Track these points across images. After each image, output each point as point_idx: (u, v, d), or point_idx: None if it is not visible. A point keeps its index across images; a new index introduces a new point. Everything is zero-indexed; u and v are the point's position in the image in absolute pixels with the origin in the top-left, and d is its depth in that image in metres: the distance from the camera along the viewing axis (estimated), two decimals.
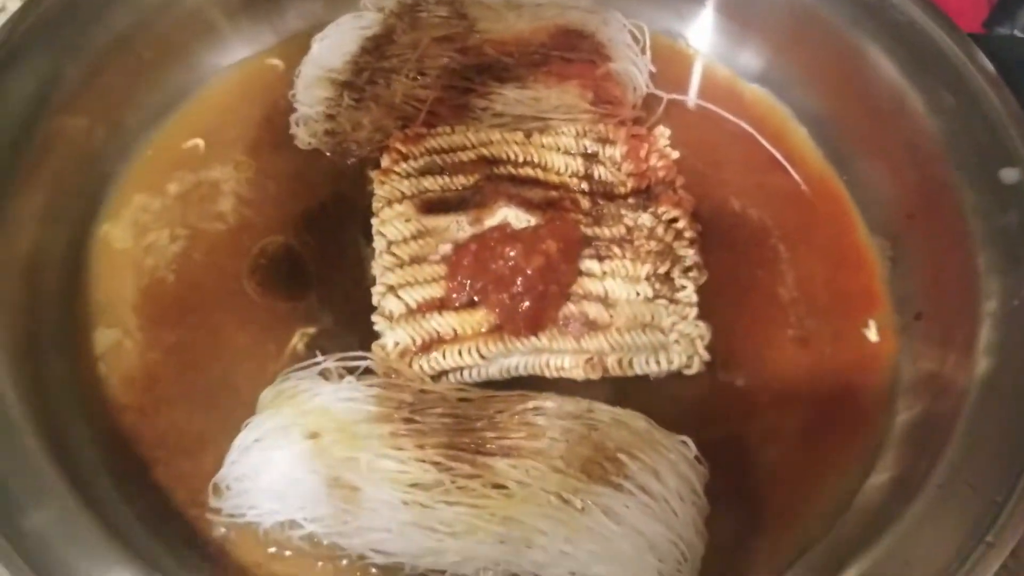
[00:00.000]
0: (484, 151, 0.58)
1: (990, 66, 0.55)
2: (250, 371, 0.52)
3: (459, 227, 0.55)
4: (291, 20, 0.67)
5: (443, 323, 0.52)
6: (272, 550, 0.48)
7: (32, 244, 0.54)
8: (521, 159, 0.58)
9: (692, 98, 0.65)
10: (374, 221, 0.56)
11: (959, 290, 0.52)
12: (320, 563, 0.48)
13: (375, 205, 0.57)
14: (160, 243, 0.57)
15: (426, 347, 0.52)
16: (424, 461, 0.45)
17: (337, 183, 0.60)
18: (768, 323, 0.56)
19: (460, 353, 0.51)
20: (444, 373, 0.52)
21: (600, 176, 0.58)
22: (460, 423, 0.47)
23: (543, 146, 0.59)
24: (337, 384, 0.49)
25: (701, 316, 0.54)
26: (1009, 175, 0.52)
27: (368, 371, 0.50)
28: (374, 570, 0.47)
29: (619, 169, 0.58)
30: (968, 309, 0.51)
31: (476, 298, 0.52)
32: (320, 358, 0.50)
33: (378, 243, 0.55)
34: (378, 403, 0.47)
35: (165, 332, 0.54)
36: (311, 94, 0.61)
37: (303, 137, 0.62)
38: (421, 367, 0.51)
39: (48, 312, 0.53)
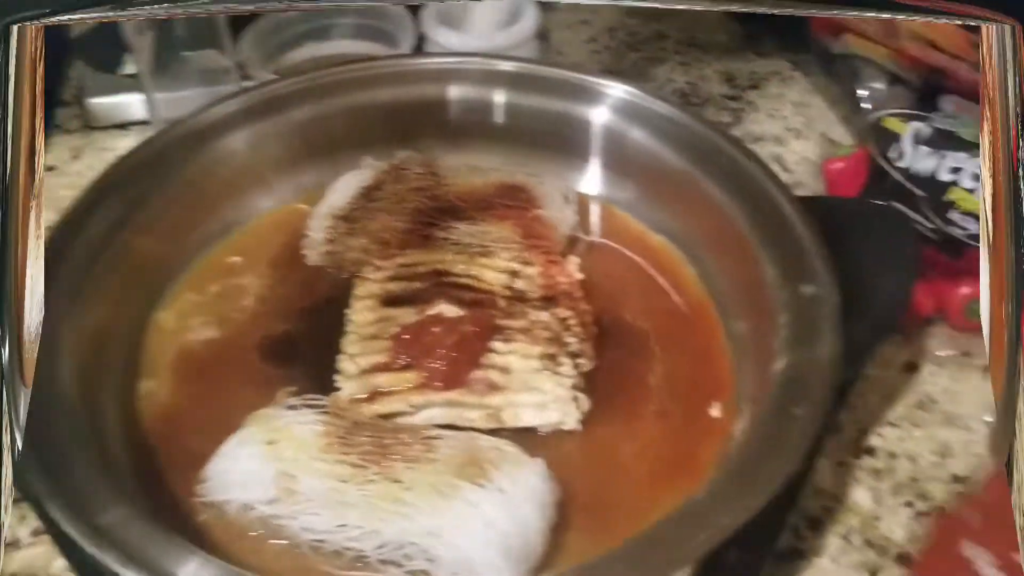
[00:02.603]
0: (438, 266, 0.78)
1: (797, 202, 0.74)
2: (244, 412, 0.69)
3: (407, 315, 0.74)
4: (318, 178, 0.90)
5: (383, 381, 0.70)
6: (236, 532, 0.64)
7: (102, 321, 0.73)
8: (463, 273, 0.78)
9: (597, 237, 0.86)
10: (347, 312, 0.76)
11: (767, 376, 0.67)
12: (269, 541, 0.63)
13: (351, 302, 0.77)
14: (195, 325, 0.78)
15: (371, 398, 0.70)
16: (345, 464, 0.63)
17: (331, 290, 0.80)
18: (637, 400, 0.73)
19: (394, 403, 0.69)
20: (383, 417, 0.69)
21: (518, 287, 0.77)
22: (377, 442, 0.64)
23: (481, 265, 0.78)
24: (297, 411, 0.67)
25: (586, 392, 0.71)
26: (807, 289, 0.69)
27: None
28: (304, 548, 0.62)
29: (533, 283, 0.77)
30: (768, 385, 0.66)
31: (409, 362, 0.71)
32: (291, 399, 0.69)
33: (348, 326, 0.74)
34: (323, 426, 0.65)
35: (189, 385, 0.74)
36: (318, 224, 0.83)
37: (311, 256, 0.83)
38: (364, 412, 0.69)
39: (108, 367, 0.73)
